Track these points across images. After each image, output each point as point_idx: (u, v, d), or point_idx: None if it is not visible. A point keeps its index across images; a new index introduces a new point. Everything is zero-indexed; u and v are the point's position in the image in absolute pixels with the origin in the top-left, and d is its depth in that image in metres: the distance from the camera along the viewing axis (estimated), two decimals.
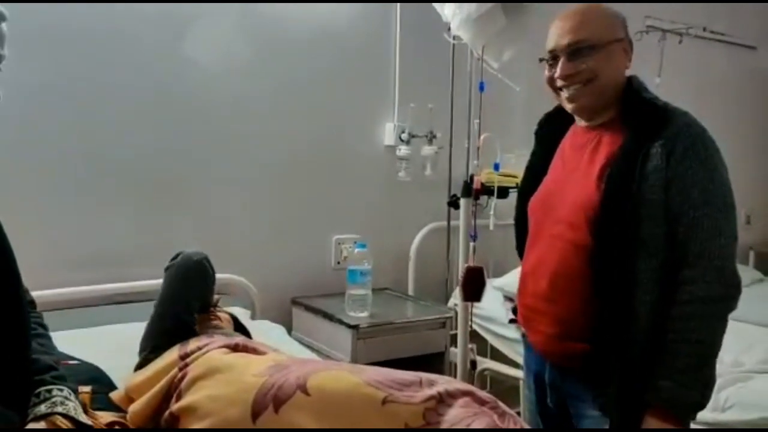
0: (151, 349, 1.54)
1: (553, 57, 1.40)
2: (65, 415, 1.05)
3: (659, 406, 1.25)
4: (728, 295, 1.26)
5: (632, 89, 1.39)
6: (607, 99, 1.39)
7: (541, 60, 1.44)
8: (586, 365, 1.34)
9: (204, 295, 1.68)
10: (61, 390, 1.09)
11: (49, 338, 1.25)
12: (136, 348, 1.59)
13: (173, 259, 1.68)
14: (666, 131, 1.28)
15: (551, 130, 1.50)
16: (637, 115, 1.34)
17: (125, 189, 2.19)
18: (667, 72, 3.11)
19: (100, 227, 2.15)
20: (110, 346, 1.70)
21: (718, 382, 1.41)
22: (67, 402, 1.07)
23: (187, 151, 2.29)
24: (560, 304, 1.39)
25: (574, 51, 1.36)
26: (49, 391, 1.07)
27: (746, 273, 3.36)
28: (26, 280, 1.15)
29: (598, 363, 1.31)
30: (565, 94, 1.41)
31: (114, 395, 1.41)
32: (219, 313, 1.79)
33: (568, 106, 1.44)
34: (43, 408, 1.04)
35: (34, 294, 1.65)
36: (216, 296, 1.87)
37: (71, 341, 1.65)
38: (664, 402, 1.24)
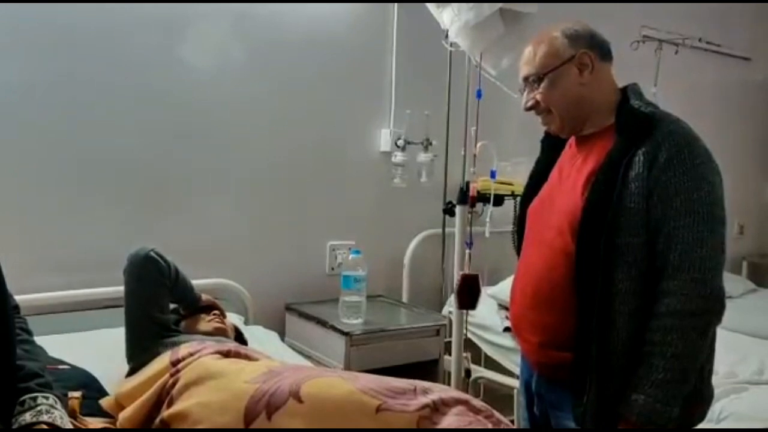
0: (139, 354, 1.53)
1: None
2: (51, 425, 1.03)
3: (631, 420, 1.23)
4: (707, 309, 1.22)
5: (625, 97, 1.39)
6: (583, 114, 1.40)
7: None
8: (569, 375, 1.32)
9: (172, 288, 1.65)
10: (47, 398, 1.06)
11: (33, 343, 1.23)
12: None
13: None
14: (650, 139, 1.27)
15: (556, 138, 1.50)
16: (625, 123, 1.34)
17: (118, 192, 2.17)
18: (662, 81, 3.13)
19: (93, 231, 2.12)
20: (102, 350, 1.68)
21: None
22: (52, 410, 1.05)
23: (180, 155, 2.27)
24: (545, 311, 1.38)
25: (529, 84, 1.42)
26: (34, 398, 1.05)
27: (739, 283, 3.36)
28: (17, 283, 1.13)
29: (580, 373, 1.29)
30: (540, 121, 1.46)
31: (104, 402, 1.39)
32: (226, 321, 1.77)
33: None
34: (28, 417, 1.02)
35: (24, 297, 1.63)
36: (219, 300, 1.85)
37: (63, 346, 1.64)
38: (636, 416, 1.22)
